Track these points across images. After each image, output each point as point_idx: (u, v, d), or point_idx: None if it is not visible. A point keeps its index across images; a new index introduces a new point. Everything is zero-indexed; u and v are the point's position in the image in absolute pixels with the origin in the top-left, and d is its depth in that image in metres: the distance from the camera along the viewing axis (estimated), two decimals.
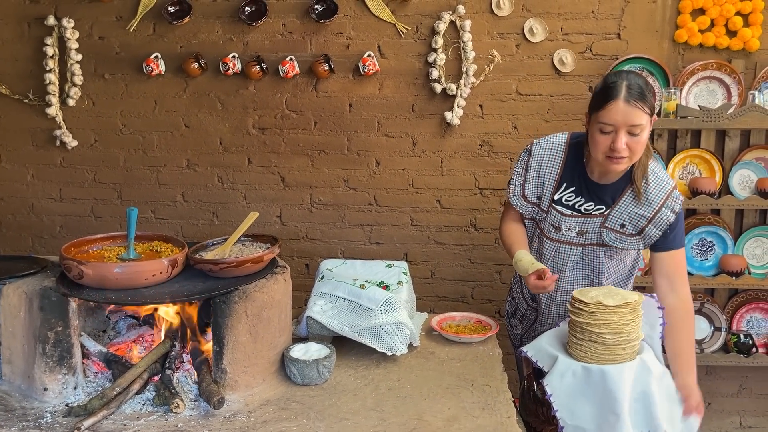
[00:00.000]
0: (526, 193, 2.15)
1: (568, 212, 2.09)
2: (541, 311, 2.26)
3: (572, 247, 2.12)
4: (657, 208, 2.00)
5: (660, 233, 2.01)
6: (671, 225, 2.00)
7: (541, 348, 1.98)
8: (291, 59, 3.06)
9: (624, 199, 2.03)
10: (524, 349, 2.03)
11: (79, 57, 3.15)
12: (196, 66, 3.09)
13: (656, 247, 2.04)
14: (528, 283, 2.01)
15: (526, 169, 2.13)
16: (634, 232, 2.04)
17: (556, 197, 2.10)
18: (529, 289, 2.19)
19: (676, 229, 2.01)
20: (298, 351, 2.10)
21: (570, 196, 2.08)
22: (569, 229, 2.10)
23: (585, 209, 2.07)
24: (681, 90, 2.90)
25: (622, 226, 2.04)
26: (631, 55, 2.93)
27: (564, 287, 2.17)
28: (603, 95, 1.89)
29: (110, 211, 3.33)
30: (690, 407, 1.94)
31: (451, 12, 2.98)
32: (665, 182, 2.02)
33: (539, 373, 1.99)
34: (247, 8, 3.06)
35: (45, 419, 1.84)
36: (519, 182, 2.16)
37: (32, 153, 3.30)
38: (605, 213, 2.05)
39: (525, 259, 2.05)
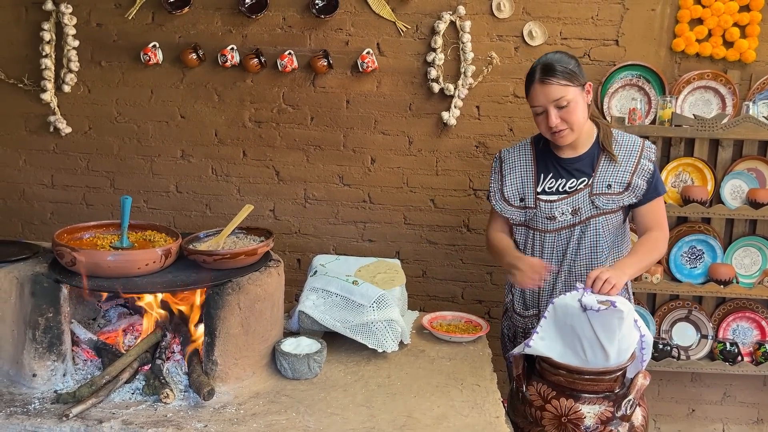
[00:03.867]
0: (507, 196, 2.22)
1: (556, 197, 2.14)
2: (542, 311, 2.25)
3: (571, 230, 2.15)
4: (636, 160, 2.12)
5: (645, 184, 2.11)
6: (652, 173, 2.12)
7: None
8: (290, 53, 3.05)
9: (602, 165, 2.14)
10: (514, 351, 2.04)
11: (76, 43, 3.13)
12: (194, 57, 3.07)
13: (643, 198, 2.13)
14: (522, 266, 2.08)
15: (501, 174, 2.26)
16: (621, 189, 2.12)
17: (539, 190, 2.17)
18: (524, 299, 2.25)
19: (656, 176, 2.14)
20: (290, 345, 2.10)
21: (551, 183, 2.16)
22: (563, 213, 2.14)
23: (569, 188, 2.14)
24: (676, 98, 2.92)
25: (609, 186, 2.12)
26: (629, 62, 2.95)
27: (565, 279, 2.19)
28: (526, 82, 2.10)
29: (102, 200, 3.31)
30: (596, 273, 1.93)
31: (451, 12, 2.99)
32: (634, 138, 2.17)
33: (529, 374, 2.00)
34: (247, 0, 3.05)
35: (33, 405, 1.83)
36: (497, 188, 2.27)
37: (25, 138, 3.27)
38: (589, 183, 2.13)
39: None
